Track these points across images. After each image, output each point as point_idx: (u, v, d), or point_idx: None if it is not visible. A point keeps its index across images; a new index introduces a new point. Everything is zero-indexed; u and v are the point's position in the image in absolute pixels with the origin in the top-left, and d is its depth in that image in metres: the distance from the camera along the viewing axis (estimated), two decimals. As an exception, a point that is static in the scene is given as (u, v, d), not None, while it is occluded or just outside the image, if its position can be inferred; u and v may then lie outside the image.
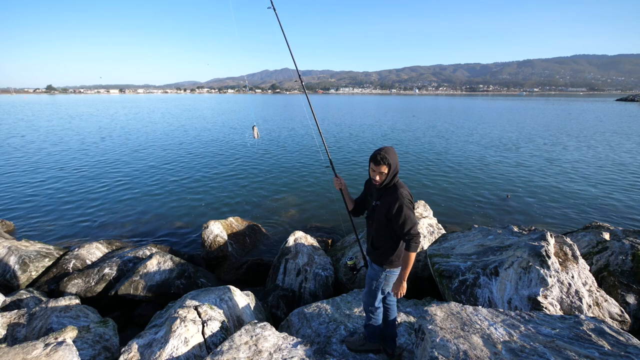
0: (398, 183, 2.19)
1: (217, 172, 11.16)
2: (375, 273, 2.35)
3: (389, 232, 2.22)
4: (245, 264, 5.16)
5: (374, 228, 2.32)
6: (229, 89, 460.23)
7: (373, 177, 2.19)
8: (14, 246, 4.72)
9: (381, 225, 2.24)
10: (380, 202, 2.22)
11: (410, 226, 2.10)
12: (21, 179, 9.94)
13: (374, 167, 2.14)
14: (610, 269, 3.59)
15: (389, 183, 2.17)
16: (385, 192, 2.20)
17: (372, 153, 2.17)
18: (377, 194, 2.25)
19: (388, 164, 2.10)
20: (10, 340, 2.86)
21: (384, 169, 2.11)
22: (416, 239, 2.11)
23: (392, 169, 2.12)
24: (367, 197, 2.46)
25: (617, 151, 14.60)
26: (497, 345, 1.95)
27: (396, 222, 2.12)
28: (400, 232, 2.13)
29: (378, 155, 2.11)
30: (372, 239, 2.35)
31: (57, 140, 17.52)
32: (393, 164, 2.11)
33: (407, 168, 11.65)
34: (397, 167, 2.15)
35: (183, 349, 2.34)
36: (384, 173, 2.13)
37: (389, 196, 2.16)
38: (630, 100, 77.62)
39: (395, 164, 2.13)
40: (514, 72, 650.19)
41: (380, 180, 2.16)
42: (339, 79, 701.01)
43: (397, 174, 2.19)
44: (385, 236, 2.25)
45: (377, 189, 2.25)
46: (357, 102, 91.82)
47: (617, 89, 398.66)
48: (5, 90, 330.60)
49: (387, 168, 2.11)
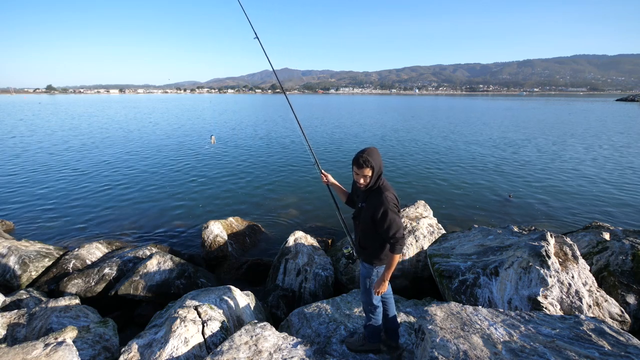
0: (383, 186, 2.16)
1: (217, 172, 11.16)
2: (367, 271, 2.37)
3: (375, 234, 2.22)
4: (245, 264, 5.16)
5: (360, 229, 2.32)
6: (228, 89, 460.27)
7: (357, 181, 2.16)
8: (14, 246, 4.72)
9: (367, 227, 2.24)
10: (366, 204, 2.21)
11: (395, 230, 2.09)
12: (21, 179, 9.94)
13: (357, 171, 2.11)
14: (610, 269, 3.59)
15: (373, 185, 2.15)
16: (370, 194, 2.19)
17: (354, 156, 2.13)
18: (363, 196, 2.25)
19: (371, 167, 2.07)
20: (10, 340, 2.86)
21: (367, 172, 2.08)
22: (401, 242, 2.11)
23: (376, 170, 2.09)
24: (354, 197, 2.47)
25: (617, 151, 14.60)
26: (497, 345, 1.95)
27: (381, 226, 2.11)
28: (385, 236, 2.13)
29: (360, 158, 2.07)
30: (359, 239, 2.36)
31: (57, 141, 17.52)
32: (376, 165, 2.08)
33: (407, 168, 11.65)
34: (380, 169, 2.12)
35: (183, 349, 2.34)
36: (367, 176, 2.10)
37: (374, 199, 2.14)
38: (630, 100, 77.60)
39: (379, 166, 2.11)
40: (514, 72, 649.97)
41: (364, 183, 2.13)
42: (339, 79, 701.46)
43: (382, 174, 2.16)
44: (371, 237, 2.26)
45: (362, 191, 2.24)
46: (357, 102, 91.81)
47: (617, 89, 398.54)
48: (5, 90, 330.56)
49: (370, 171, 2.08)
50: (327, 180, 2.68)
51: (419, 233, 4.56)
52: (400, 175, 10.76)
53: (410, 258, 4.34)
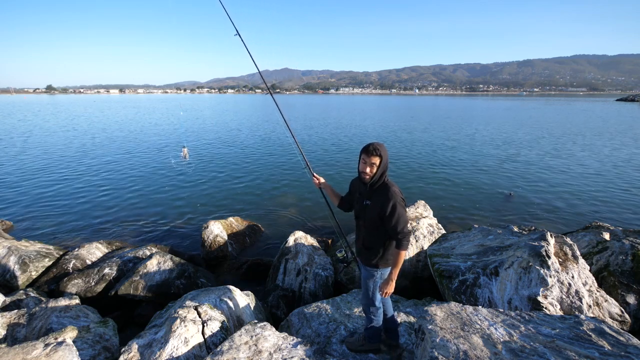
0: (388, 182, 2.17)
1: (217, 172, 11.16)
2: (369, 273, 2.34)
3: (381, 231, 2.21)
4: (245, 264, 5.16)
5: (365, 228, 2.30)
6: (228, 89, 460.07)
7: (363, 170, 2.15)
8: (14, 246, 4.72)
9: (372, 225, 2.23)
10: (372, 201, 2.19)
11: (403, 225, 2.10)
12: (21, 179, 9.94)
13: (366, 158, 2.12)
14: (610, 269, 3.59)
15: (378, 180, 2.15)
16: (376, 191, 2.18)
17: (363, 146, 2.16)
18: (368, 193, 2.22)
19: (380, 156, 2.09)
20: (10, 340, 2.86)
21: (375, 160, 2.09)
22: (407, 237, 2.13)
23: (383, 162, 2.11)
24: (353, 197, 2.44)
25: (617, 151, 14.59)
26: (497, 345, 1.95)
27: (389, 221, 2.11)
28: (393, 232, 2.12)
29: (370, 146, 2.10)
30: (362, 240, 2.33)
31: (56, 141, 17.52)
32: (384, 157, 2.11)
33: (407, 168, 11.65)
34: (387, 163, 2.14)
35: (183, 349, 2.34)
36: (374, 164, 2.11)
37: (381, 195, 2.14)
38: (630, 100, 77.55)
39: (386, 159, 2.13)
40: (514, 72, 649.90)
41: (370, 173, 2.13)
42: (339, 79, 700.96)
43: (387, 171, 2.17)
44: (376, 235, 2.24)
45: (366, 188, 2.22)
46: (357, 102, 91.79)
47: (617, 89, 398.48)
48: (5, 90, 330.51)
49: (378, 160, 2.10)
50: (320, 183, 2.67)
51: (419, 233, 4.56)
52: (400, 175, 10.75)
53: (410, 258, 4.35)
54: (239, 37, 3.54)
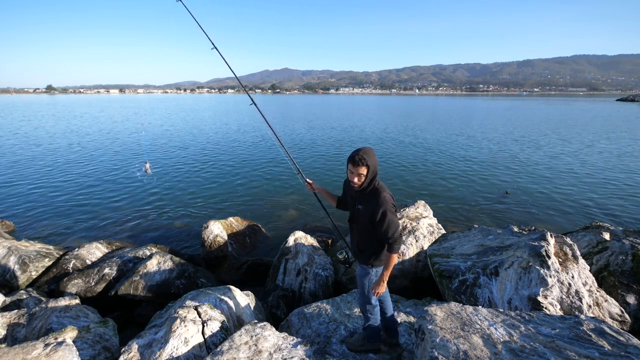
0: (380, 186, 2.13)
1: (217, 172, 11.17)
2: (365, 271, 2.35)
3: (373, 235, 2.20)
4: (245, 264, 5.16)
5: (357, 231, 2.30)
6: (229, 89, 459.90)
7: (351, 180, 2.11)
8: (14, 246, 4.72)
9: (364, 229, 2.22)
10: (363, 206, 2.16)
11: (394, 231, 2.08)
12: (21, 179, 9.94)
13: (352, 169, 2.06)
14: (610, 269, 3.59)
15: (368, 186, 2.12)
16: (367, 196, 2.15)
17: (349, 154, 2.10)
18: (359, 198, 2.20)
19: (367, 165, 2.02)
20: (10, 340, 2.86)
21: (362, 170, 2.04)
22: (399, 242, 2.12)
23: (371, 170, 2.05)
24: (347, 198, 2.42)
25: (618, 151, 14.59)
26: (497, 345, 1.95)
27: (380, 227, 2.09)
28: (384, 237, 2.12)
29: (356, 155, 2.03)
30: (357, 242, 2.34)
31: (56, 141, 17.53)
32: (372, 165, 2.04)
33: (407, 168, 11.65)
34: (376, 169, 2.08)
35: (183, 349, 2.34)
36: (362, 175, 2.06)
37: (371, 200, 2.11)
38: (630, 100, 77.51)
39: (374, 166, 2.06)
40: (514, 72, 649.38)
41: (359, 182, 2.09)
42: (339, 79, 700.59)
43: (377, 175, 2.12)
44: (369, 239, 2.24)
45: (357, 192, 2.19)
46: (357, 102, 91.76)
47: (617, 89, 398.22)
48: (5, 90, 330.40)
49: (365, 169, 2.04)
50: (313, 188, 2.64)
51: (419, 233, 4.56)
52: (401, 175, 10.76)
53: (410, 258, 4.34)
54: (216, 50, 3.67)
